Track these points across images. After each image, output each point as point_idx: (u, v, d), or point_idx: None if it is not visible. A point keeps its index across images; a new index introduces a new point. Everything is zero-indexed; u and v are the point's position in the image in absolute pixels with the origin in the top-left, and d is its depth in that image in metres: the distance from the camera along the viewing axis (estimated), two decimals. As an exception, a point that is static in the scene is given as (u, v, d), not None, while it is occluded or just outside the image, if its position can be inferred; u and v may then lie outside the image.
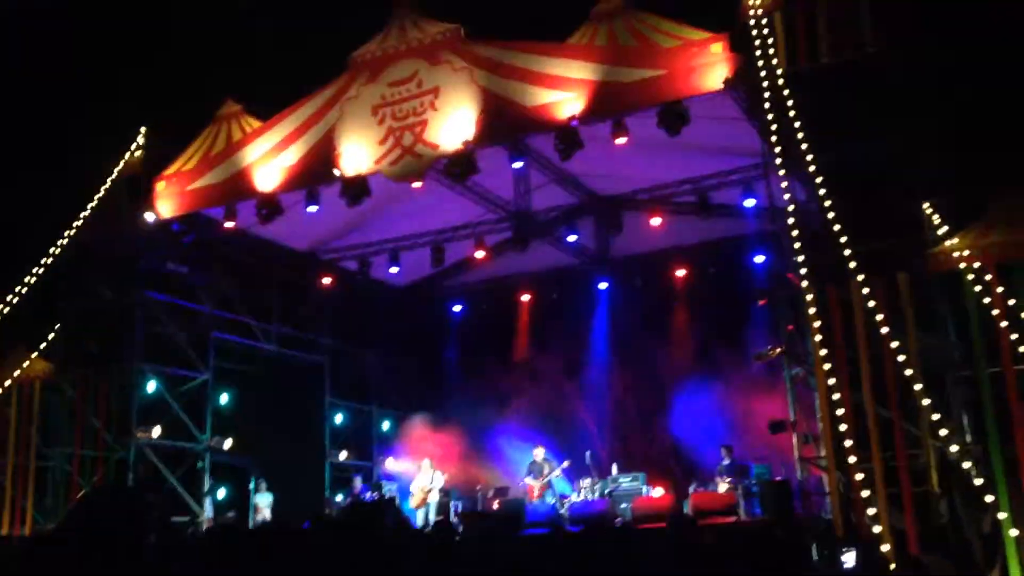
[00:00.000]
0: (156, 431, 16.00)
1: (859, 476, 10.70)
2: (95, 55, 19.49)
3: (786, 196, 12.15)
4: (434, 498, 17.12)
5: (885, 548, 10.26)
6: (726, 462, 15.82)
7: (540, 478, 16.84)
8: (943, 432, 10.71)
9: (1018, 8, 13.47)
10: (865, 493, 10.63)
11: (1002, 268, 11.40)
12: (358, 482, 18.10)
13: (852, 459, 10.73)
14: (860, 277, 11.24)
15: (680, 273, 18.58)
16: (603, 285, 19.11)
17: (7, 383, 16.22)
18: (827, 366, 11.15)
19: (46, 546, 4.19)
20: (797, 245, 11.75)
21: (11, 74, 18.89)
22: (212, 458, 16.86)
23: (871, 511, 10.52)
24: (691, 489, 16.10)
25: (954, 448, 10.78)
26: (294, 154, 15.24)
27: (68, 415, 16.36)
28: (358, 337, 20.42)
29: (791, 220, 11.86)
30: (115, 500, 3.42)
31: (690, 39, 12.93)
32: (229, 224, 15.83)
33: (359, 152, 14.68)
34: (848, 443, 10.75)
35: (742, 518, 14.26)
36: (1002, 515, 10.45)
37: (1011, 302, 11.19)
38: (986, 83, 14.24)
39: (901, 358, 10.90)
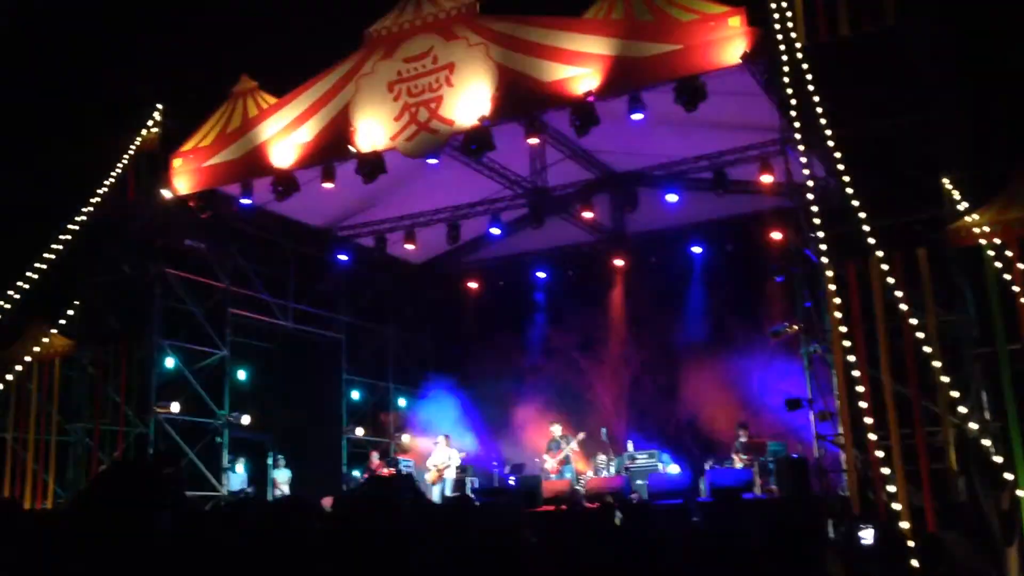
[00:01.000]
0: (175, 406, 16.13)
1: (878, 453, 10.66)
2: (112, 31, 19.48)
3: (804, 171, 12.05)
4: (450, 474, 17.21)
5: (904, 525, 10.23)
6: (742, 439, 15.82)
7: (557, 454, 16.88)
8: (962, 409, 10.64)
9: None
10: (885, 471, 10.59)
11: (1023, 244, 11.28)
12: (375, 458, 18.22)
13: (872, 436, 10.69)
14: (879, 253, 11.14)
15: (696, 250, 18.50)
16: (619, 262, 19.06)
17: (27, 359, 16.36)
18: (845, 343, 11.09)
19: (59, 521, 4.21)
20: (816, 221, 11.66)
21: (29, 50, 18.91)
22: (230, 434, 16.98)
23: (890, 488, 10.49)
24: (707, 466, 16.12)
25: (973, 426, 10.72)
26: (310, 130, 15.22)
27: (88, 391, 16.51)
28: (375, 314, 20.47)
29: (809, 196, 11.76)
30: (131, 476, 3.42)
31: (707, 13, 12.79)
32: (246, 200, 15.87)
33: (375, 128, 14.65)
34: (869, 420, 10.70)
35: (758, 495, 14.27)
36: (1021, 493, 10.40)
37: (1032, 278, 11.08)
38: (1007, 55, 14.04)
39: (920, 335, 10.82)
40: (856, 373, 10.92)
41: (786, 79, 12.14)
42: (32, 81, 18.52)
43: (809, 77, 11.97)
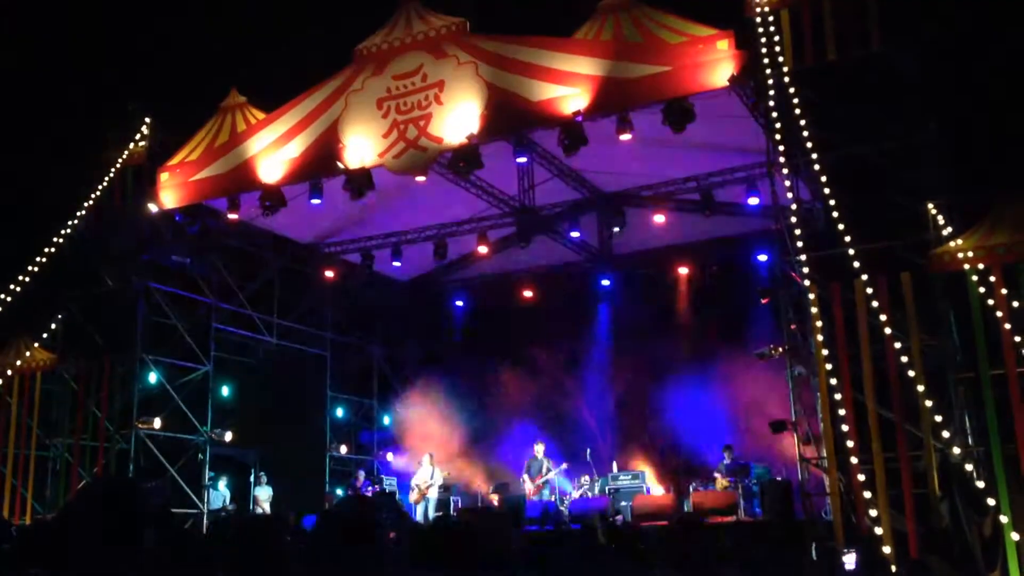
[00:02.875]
0: (157, 422, 16.01)
1: (861, 477, 10.66)
2: (101, 45, 19.48)
3: (790, 194, 12.10)
4: (433, 493, 17.12)
5: (887, 550, 10.22)
6: (727, 461, 15.80)
7: (539, 476, 16.80)
8: (945, 434, 10.66)
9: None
10: (867, 494, 10.59)
11: (1007, 270, 11.34)
12: (361, 476, 18.10)
13: (854, 460, 10.69)
14: (863, 277, 11.19)
15: (683, 271, 18.55)
16: (606, 282, 19.08)
17: (8, 373, 16.22)
18: (829, 366, 11.11)
19: (43, 536, 4.17)
20: (801, 244, 11.70)
21: (17, 62, 18.87)
22: (212, 450, 16.85)
23: (873, 512, 10.48)
24: (691, 488, 16.09)
25: (956, 450, 10.74)
26: (298, 146, 15.20)
27: (70, 405, 16.37)
28: (360, 331, 20.39)
29: (795, 218, 11.81)
30: (113, 491, 3.39)
31: (696, 35, 12.87)
32: (232, 215, 15.82)
33: (363, 145, 14.64)
34: (851, 444, 10.71)
35: (742, 518, 14.24)
36: (1003, 518, 10.40)
37: (1015, 304, 11.13)
38: (993, 82, 14.18)
39: (904, 359, 10.85)
40: (839, 396, 10.94)
41: (773, 102, 12.21)
42: (19, 93, 18.47)
43: (796, 101, 12.05)
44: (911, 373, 10.79)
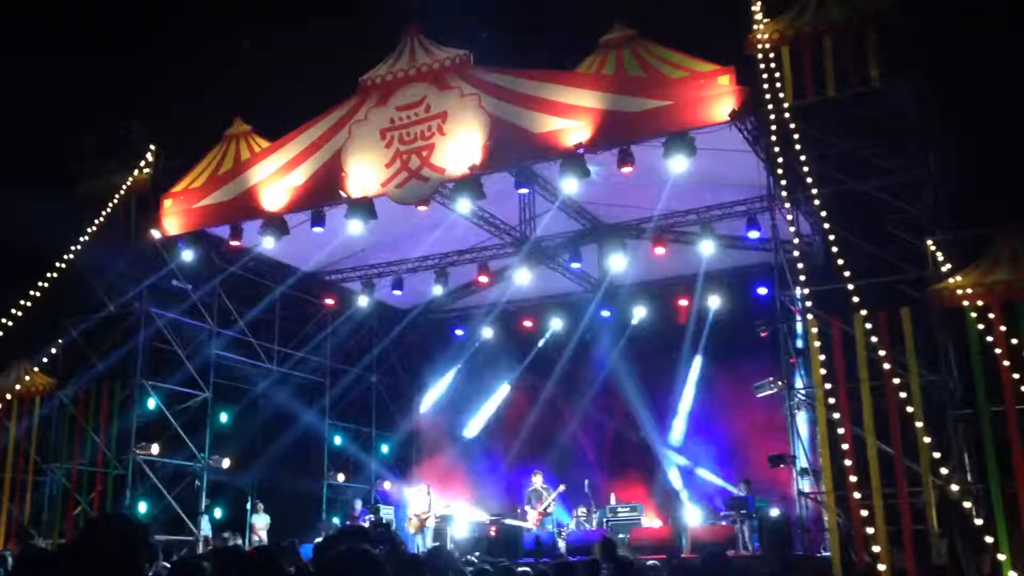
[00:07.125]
0: (155, 448, 15.95)
1: (864, 513, 10.63)
2: (107, 72, 19.61)
3: (791, 228, 12.16)
4: (431, 523, 17.04)
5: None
6: (744, 494, 15.58)
7: (539, 505, 16.72)
8: (944, 471, 10.64)
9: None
10: (870, 530, 10.55)
11: (1006, 306, 11.37)
12: (358, 505, 18.00)
13: (857, 495, 10.65)
14: (863, 312, 11.21)
15: (683, 303, 18.54)
16: (605, 313, 19.08)
17: (8, 397, 16.20)
18: (830, 400, 11.11)
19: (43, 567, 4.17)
20: (801, 277, 11.74)
21: (24, 88, 19.00)
22: (210, 477, 16.78)
23: (876, 549, 10.44)
24: (687, 520, 16.02)
25: (955, 487, 10.71)
26: (301, 175, 15.29)
27: (68, 430, 16.32)
28: (360, 359, 20.37)
29: (795, 252, 11.86)
30: (115, 529, 3.39)
31: (697, 71, 12.98)
32: (235, 243, 15.88)
33: (366, 174, 14.73)
34: (853, 479, 10.68)
35: (740, 552, 14.16)
36: (1002, 556, 10.36)
37: (1014, 341, 11.15)
38: (993, 119, 14.26)
39: (903, 394, 10.85)
40: (840, 431, 10.92)
41: (773, 137, 12.30)
42: (25, 119, 18.58)
43: (796, 136, 12.13)
44: (910, 409, 10.79)
